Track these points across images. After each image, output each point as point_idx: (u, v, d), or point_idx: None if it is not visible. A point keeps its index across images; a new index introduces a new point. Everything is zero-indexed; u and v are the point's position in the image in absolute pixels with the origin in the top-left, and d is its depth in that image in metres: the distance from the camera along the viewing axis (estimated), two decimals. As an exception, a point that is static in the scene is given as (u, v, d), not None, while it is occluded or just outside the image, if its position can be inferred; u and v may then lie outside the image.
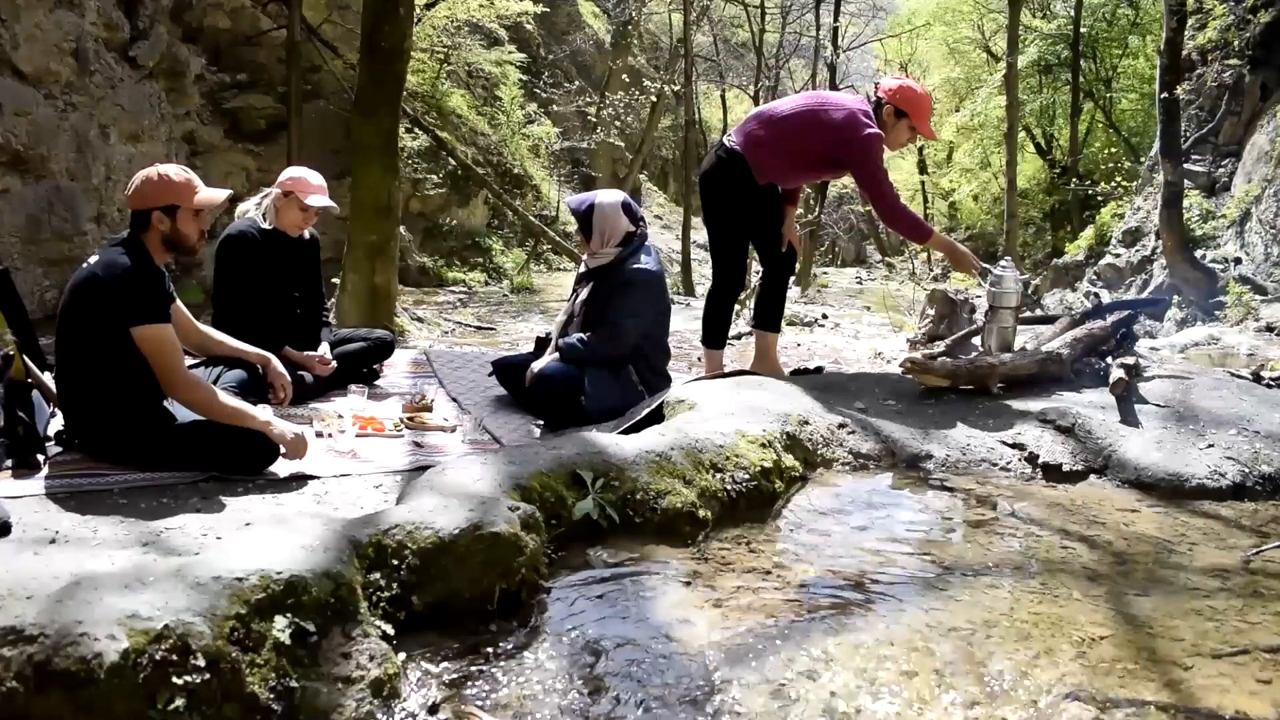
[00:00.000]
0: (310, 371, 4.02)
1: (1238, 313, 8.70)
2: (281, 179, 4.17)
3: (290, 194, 4.09)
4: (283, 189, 4.11)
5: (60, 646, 1.47)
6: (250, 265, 4.01)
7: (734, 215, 4.22)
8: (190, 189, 2.96)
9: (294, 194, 4.08)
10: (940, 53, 24.14)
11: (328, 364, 4.07)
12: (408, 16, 6.86)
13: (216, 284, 4.09)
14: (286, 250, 4.15)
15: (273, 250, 4.08)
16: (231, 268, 4.03)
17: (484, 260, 14.52)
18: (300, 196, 4.08)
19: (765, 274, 4.42)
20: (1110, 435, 3.33)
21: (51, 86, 7.01)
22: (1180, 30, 10.20)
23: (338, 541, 1.94)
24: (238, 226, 4.08)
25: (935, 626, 2.03)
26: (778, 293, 4.41)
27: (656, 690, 1.76)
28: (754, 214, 4.20)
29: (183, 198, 2.94)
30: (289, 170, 4.25)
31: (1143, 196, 12.54)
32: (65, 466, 2.88)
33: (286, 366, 3.78)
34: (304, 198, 4.08)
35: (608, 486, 2.54)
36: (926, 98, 4.14)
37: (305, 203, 4.08)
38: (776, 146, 4.05)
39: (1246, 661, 1.92)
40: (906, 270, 22.58)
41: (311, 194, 4.10)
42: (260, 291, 4.01)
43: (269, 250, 4.07)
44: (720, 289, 4.39)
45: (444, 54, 14.55)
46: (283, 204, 4.10)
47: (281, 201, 4.10)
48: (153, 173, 2.95)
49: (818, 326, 10.11)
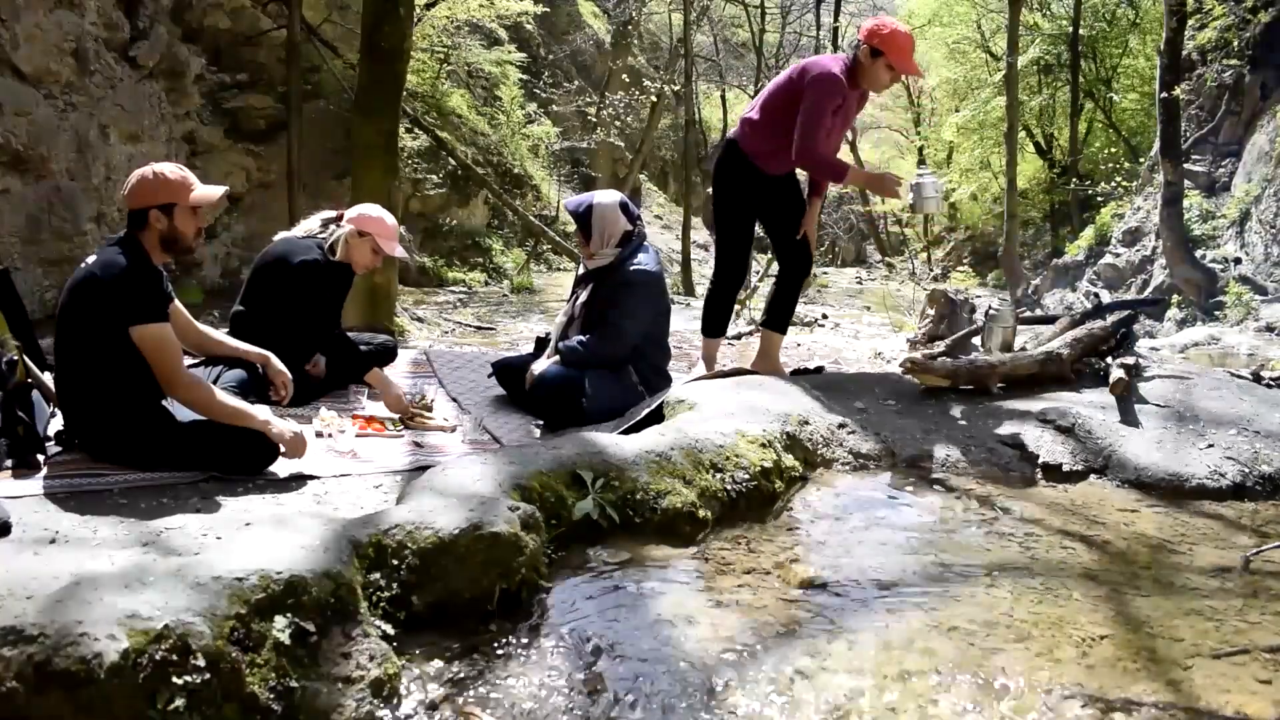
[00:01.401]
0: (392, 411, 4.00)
1: (1238, 313, 8.70)
2: (358, 216, 4.06)
3: (366, 235, 4.02)
4: (359, 228, 4.03)
5: (60, 646, 1.47)
6: (319, 294, 3.96)
7: (734, 206, 4.20)
8: (186, 187, 2.96)
9: (370, 236, 4.02)
10: (940, 53, 24.12)
11: (316, 366, 4.05)
12: (408, 16, 6.86)
13: (276, 301, 3.94)
14: (343, 283, 4.13)
15: (334, 281, 4.06)
16: (303, 292, 3.92)
17: (484, 260, 14.52)
18: (378, 242, 4.02)
19: (779, 272, 4.38)
20: (1110, 435, 3.33)
21: (51, 86, 7.00)
22: (1180, 30, 10.20)
23: (338, 541, 1.94)
24: (313, 254, 3.97)
25: (935, 626, 2.03)
26: (790, 293, 4.33)
27: (656, 690, 1.76)
28: (758, 204, 4.17)
29: (179, 196, 2.93)
30: (368, 209, 4.14)
31: (1143, 196, 12.55)
32: (65, 466, 2.87)
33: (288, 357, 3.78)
34: (382, 245, 4.03)
35: (608, 486, 2.54)
36: (903, 34, 3.95)
37: (382, 248, 4.03)
38: (773, 126, 3.97)
39: (1246, 661, 1.92)
40: (906, 270, 22.58)
41: (389, 242, 4.04)
42: (312, 317, 3.95)
43: (331, 282, 4.04)
44: (718, 279, 4.37)
45: (444, 54, 14.54)
46: (356, 242, 4.03)
47: (355, 240, 4.03)
48: (148, 171, 2.95)
49: (818, 326, 10.11)
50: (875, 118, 32.35)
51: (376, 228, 4.05)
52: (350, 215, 4.12)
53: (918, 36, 24.70)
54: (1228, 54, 11.25)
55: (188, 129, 9.66)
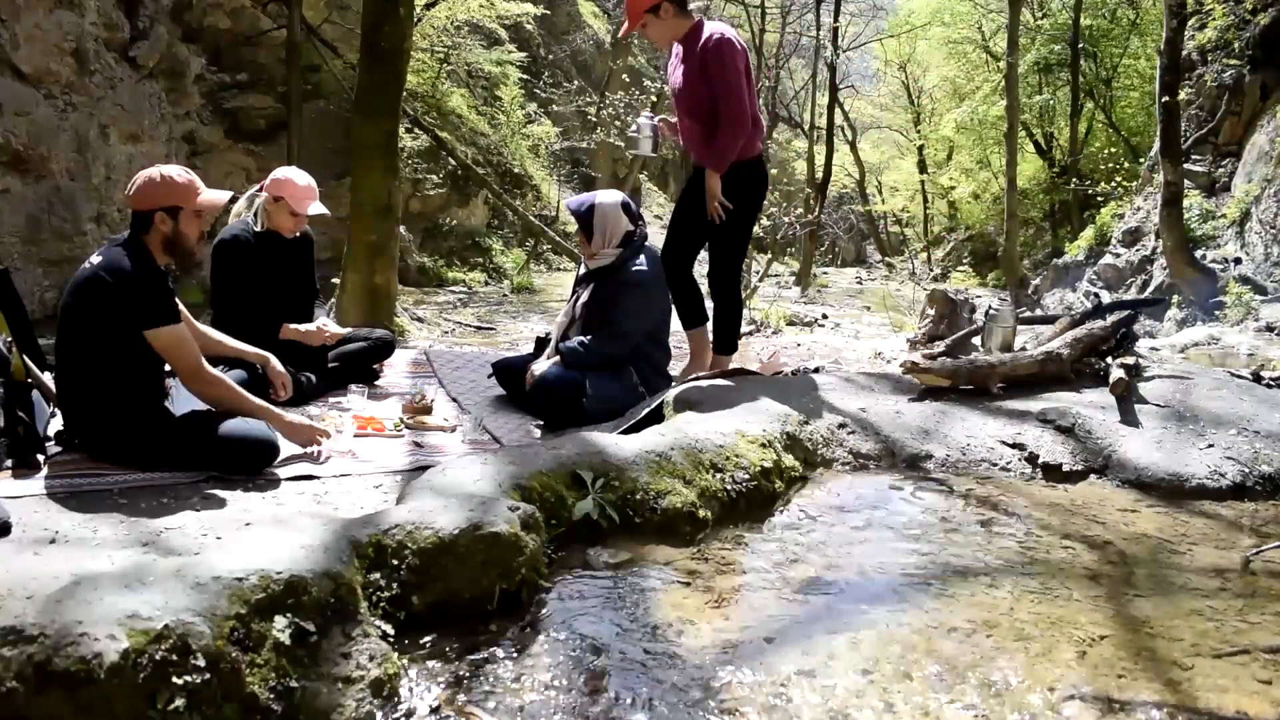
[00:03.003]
0: (311, 344, 4.04)
1: (1238, 313, 8.70)
2: (269, 182, 4.09)
3: (280, 199, 4.04)
4: (271, 194, 4.05)
5: (60, 646, 1.47)
6: (245, 268, 3.99)
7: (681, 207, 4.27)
8: (193, 190, 2.98)
9: (284, 199, 4.04)
10: (941, 53, 24.11)
11: (326, 333, 4.07)
12: (408, 16, 6.85)
13: (214, 286, 4.06)
14: (280, 251, 4.13)
15: (267, 252, 4.06)
16: (227, 271, 4.00)
17: (484, 260, 14.51)
18: (290, 204, 4.03)
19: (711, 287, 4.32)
20: (1110, 435, 3.33)
21: (51, 86, 7.01)
22: (1180, 30, 10.19)
23: (338, 541, 1.94)
24: (231, 230, 4.04)
25: (935, 626, 2.03)
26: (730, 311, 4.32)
27: (656, 690, 1.76)
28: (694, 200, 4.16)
29: (185, 199, 2.95)
30: (278, 173, 4.14)
31: (1143, 196, 12.54)
32: (65, 466, 2.87)
33: (287, 356, 3.81)
34: (294, 205, 4.03)
35: (608, 486, 2.54)
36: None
37: (296, 210, 4.04)
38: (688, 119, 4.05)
39: (1246, 661, 1.92)
40: (906, 270, 22.58)
41: (302, 201, 4.05)
42: (256, 293, 4.00)
43: (263, 252, 4.05)
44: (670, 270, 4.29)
45: (444, 54, 14.54)
46: (273, 208, 4.06)
47: (271, 205, 4.06)
48: (155, 173, 2.95)
49: (818, 326, 10.10)
50: (875, 118, 32.37)
51: (289, 190, 4.04)
52: (265, 183, 4.12)
53: (918, 36, 24.81)
54: (1228, 54, 11.25)
55: (188, 129, 9.67)
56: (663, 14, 3.96)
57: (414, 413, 3.69)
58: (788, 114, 28.24)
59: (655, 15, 3.98)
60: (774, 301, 11.69)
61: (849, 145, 28.87)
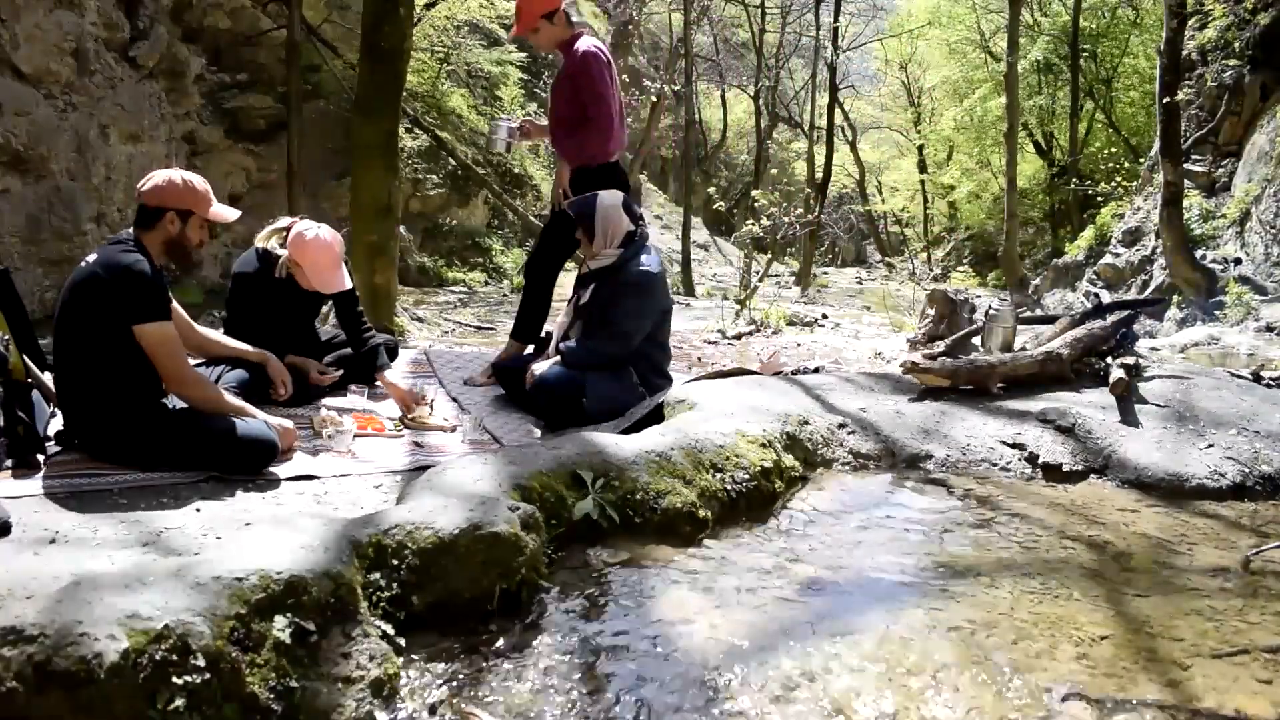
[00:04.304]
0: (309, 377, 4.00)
1: (1238, 313, 8.70)
2: (293, 241, 3.88)
3: (300, 268, 3.89)
4: (293, 257, 3.88)
5: (60, 646, 1.47)
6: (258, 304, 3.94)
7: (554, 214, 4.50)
8: (208, 200, 3.04)
9: (302, 270, 3.89)
10: (941, 53, 24.12)
11: (326, 374, 4.04)
12: (408, 16, 6.85)
13: (228, 311, 4.00)
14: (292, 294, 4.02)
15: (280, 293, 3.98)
16: (242, 302, 3.94)
17: (484, 260, 14.51)
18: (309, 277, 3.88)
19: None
20: (1110, 435, 3.33)
21: (51, 86, 7.00)
22: (1180, 30, 10.19)
23: (338, 541, 1.94)
24: (252, 264, 3.93)
25: (935, 626, 2.03)
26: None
27: (656, 690, 1.76)
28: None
29: (199, 206, 3.01)
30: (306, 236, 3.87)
31: (1143, 196, 12.54)
32: (65, 466, 2.87)
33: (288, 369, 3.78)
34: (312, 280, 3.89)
35: (608, 486, 2.54)
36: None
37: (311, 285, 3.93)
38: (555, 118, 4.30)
39: (1246, 661, 1.93)
40: (906, 270, 22.58)
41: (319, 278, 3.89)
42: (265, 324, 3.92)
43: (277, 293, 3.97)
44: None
45: (444, 54, 14.54)
46: (293, 266, 3.91)
47: (291, 265, 3.90)
48: (176, 175, 3.00)
49: (818, 326, 10.09)
50: (875, 118, 32.37)
51: (309, 264, 3.87)
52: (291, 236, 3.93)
53: (918, 36, 24.82)
54: (1228, 54, 11.25)
55: (188, 129, 9.66)
56: (556, 21, 4.22)
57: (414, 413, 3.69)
58: (788, 114, 28.26)
59: (549, 22, 4.22)
60: (774, 301, 11.70)
61: (849, 145, 28.87)
